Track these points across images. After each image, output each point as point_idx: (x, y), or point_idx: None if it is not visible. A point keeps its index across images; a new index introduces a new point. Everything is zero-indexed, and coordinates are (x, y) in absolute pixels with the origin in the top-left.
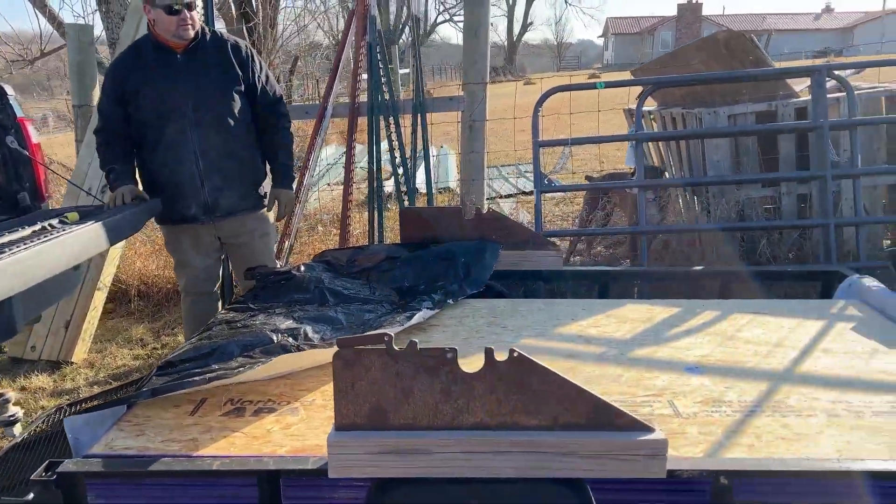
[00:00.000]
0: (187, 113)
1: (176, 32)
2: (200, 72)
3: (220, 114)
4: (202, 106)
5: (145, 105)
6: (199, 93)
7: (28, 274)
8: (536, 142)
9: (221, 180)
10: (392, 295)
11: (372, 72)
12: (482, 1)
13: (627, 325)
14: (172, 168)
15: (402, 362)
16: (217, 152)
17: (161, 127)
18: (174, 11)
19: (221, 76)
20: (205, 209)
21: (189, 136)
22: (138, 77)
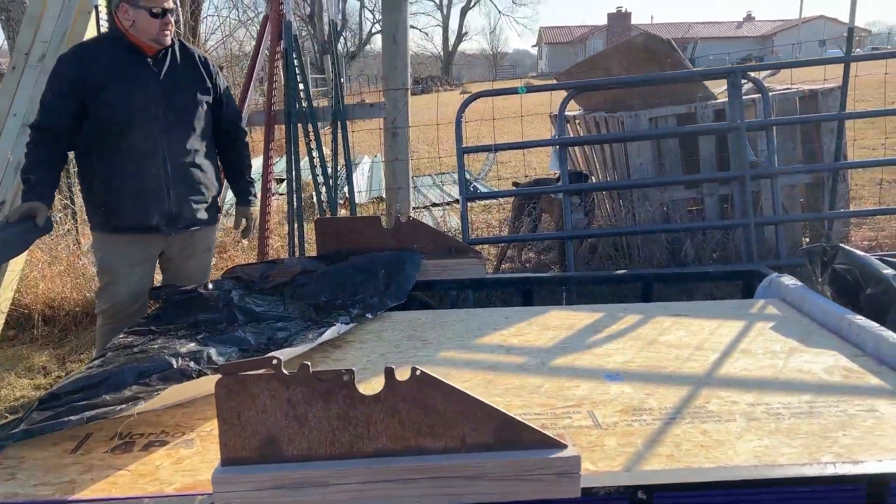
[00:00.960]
0: (158, 116)
1: (156, 37)
2: (172, 77)
3: (190, 122)
4: (173, 111)
5: (111, 102)
6: (171, 98)
7: None
8: (460, 148)
9: (187, 190)
10: (308, 311)
11: (288, 79)
12: (399, 5)
13: (550, 332)
14: (136, 173)
15: (294, 388)
16: (185, 160)
17: (127, 128)
18: (158, 15)
19: (192, 85)
20: (168, 219)
21: (159, 140)
22: (103, 72)
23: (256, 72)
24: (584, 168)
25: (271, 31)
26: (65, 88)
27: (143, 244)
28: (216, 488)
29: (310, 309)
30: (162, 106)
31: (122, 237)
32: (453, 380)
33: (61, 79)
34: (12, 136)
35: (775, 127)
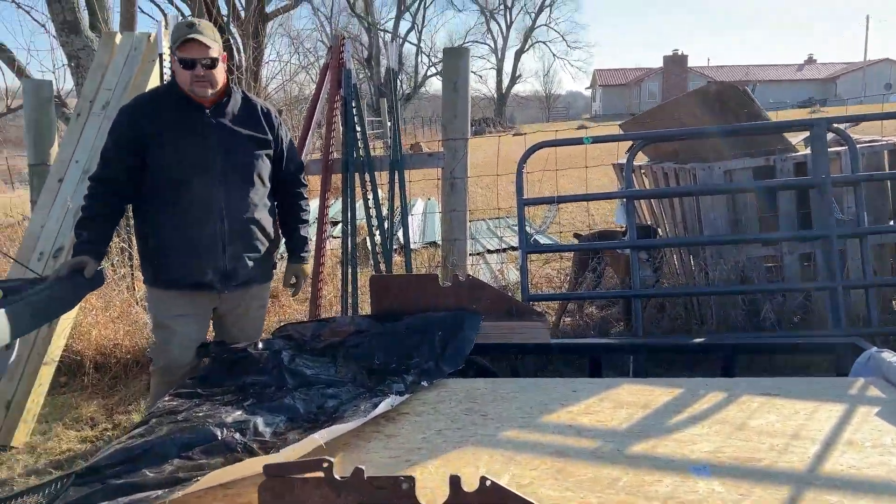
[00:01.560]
0: (215, 170)
1: (190, 87)
2: (231, 130)
3: (248, 176)
4: (231, 165)
5: (167, 155)
6: (229, 151)
7: None
8: (521, 200)
9: (243, 247)
10: (360, 375)
11: (347, 127)
12: (461, 53)
13: (624, 411)
14: (192, 228)
15: (347, 495)
16: (242, 216)
17: (183, 182)
18: (188, 65)
19: (251, 138)
20: (222, 276)
21: (216, 195)
22: (161, 124)
23: (315, 118)
24: (650, 221)
25: (331, 78)
26: (122, 140)
27: (196, 300)
28: None
29: (362, 373)
30: (219, 159)
31: (175, 293)
32: (519, 466)
33: (119, 130)
34: (73, 183)
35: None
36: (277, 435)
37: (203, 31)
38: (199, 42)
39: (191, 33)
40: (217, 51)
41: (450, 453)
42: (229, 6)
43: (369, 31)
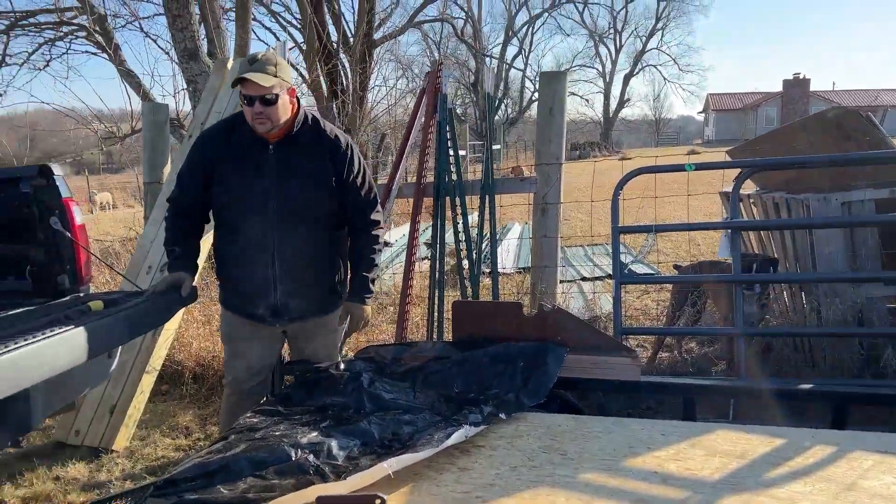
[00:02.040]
0: (270, 210)
1: (251, 123)
2: (291, 167)
3: (305, 215)
4: (287, 205)
5: (227, 187)
6: (287, 191)
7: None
8: (616, 227)
9: (295, 286)
10: (438, 403)
11: (440, 151)
12: (558, 78)
13: (717, 460)
14: (246, 266)
15: None
16: (296, 256)
17: (241, 217)
18: (248, 101)
19: (313, 173)
20: (273, 312)
21: (269, 236)
22: (226, 154)
23: (410, 142)
24: (758, 251)
25: (427, 103)
26: (194, 164)
27: (258, 327)
28: None
29: (440, 400)
30: (275, 202)
31: (239, 317)
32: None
33: (194, 154)
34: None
35: None
36: (350, 459)
37: (263, 69)
38: (254, 81)
39: (248, 71)
40: (279, 86)
41: (523, 492)
42: (339, 32)
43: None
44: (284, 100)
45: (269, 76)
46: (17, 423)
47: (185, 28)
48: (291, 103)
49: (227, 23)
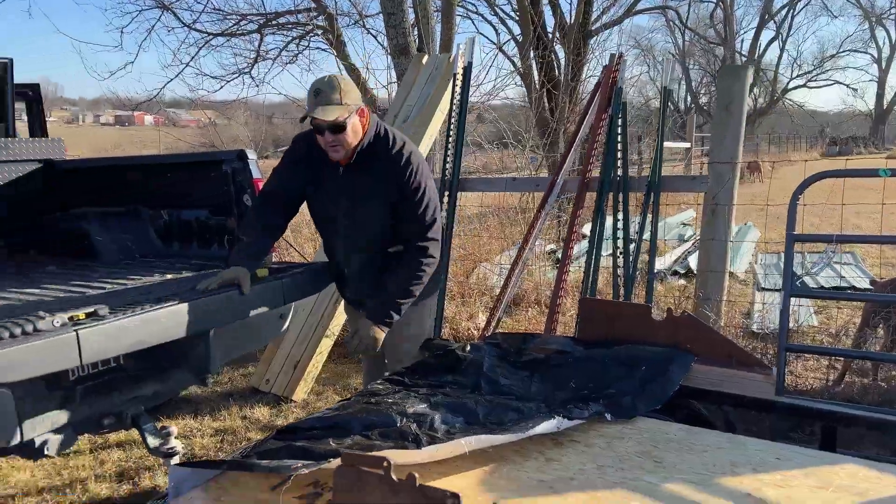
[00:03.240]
0: (339, 225)
1: (325, 149)
2: (357, 186)
3: (369, 232)
4: (353, 223)
5: (310, 195)
6: (352, 210)
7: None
8: (790, 235)
9: (363, 287)
10: (551, 395)
11: (609, 146)
12: (738, 74)
13: (826, 493)
14: (331, 261)
15: (402, 495)
16: (359, 263)
17: (320, 224)
18: (318, 130)
19: (376, 192)
20: (353, 303)
21: (338, 246)
22: (308, 169)
23: (580, 137)
24: None
25: (601, 96)
26: (292, 163)
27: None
28: None
29: (553, 393)
30: (343, 214)
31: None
32: None
33: (293, 153)
34: None
35: None
36: (449, 434)
37: (327, 100)
38: (321, 117)
39: (313, 106)
40: (345, 112)
41: (600, 491)
42: (556, 21)
43: (724, 42)
44: (354, 122)
45: (334, 106)
46: (198, 366)
47: (398, 25)
48: (362, 123)
49: (438, 18)
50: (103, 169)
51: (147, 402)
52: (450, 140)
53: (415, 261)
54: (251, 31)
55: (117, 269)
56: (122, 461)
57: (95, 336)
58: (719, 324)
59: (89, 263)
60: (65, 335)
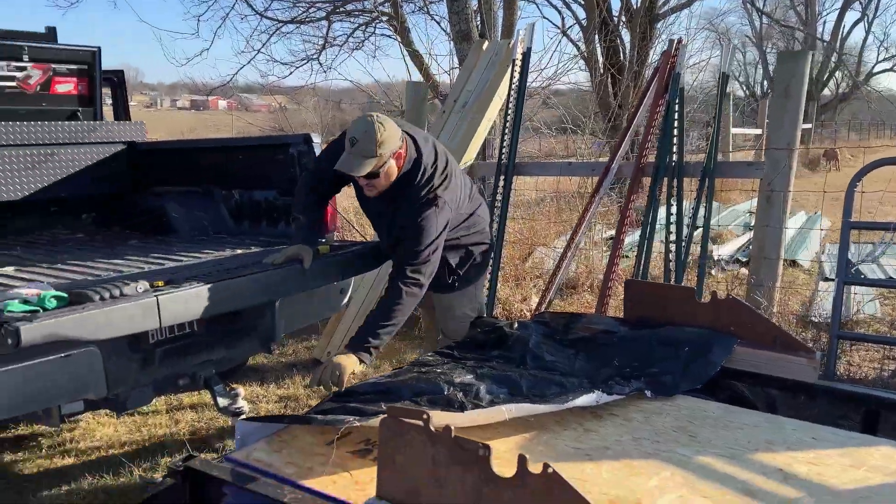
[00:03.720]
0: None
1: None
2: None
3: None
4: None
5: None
6: (379, 216)
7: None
8: (847, 222)
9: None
10: (594, 373)
11: (666, 131)
12: (796, 59)
13: (859, 472)
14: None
15: (438, 446)
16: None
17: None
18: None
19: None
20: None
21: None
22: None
23: (636, 122)
24: None
25: (658, 81)
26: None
27: None
28: None
29: (598, 371)
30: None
31: None
32: (693, 491)
33: (330, 150)
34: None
35: None
36: (493, 403)
37: (361, 153)
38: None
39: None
40: (379, 162)
41: (634, 461)
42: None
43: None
44: (389, 167)
45: (369, 160)
46: (264, 334)
47: (461, 11)
48: (398, 165)
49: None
50: (180, 151)
51: (218, 365)
52: (507, 125)
53: (395, 290)
54: (319, 18)
55: (192, 243)
56: (195, 422)
57: (173, 301)
58: (771, 310)
59: (167, 238)
60: (146, 300)
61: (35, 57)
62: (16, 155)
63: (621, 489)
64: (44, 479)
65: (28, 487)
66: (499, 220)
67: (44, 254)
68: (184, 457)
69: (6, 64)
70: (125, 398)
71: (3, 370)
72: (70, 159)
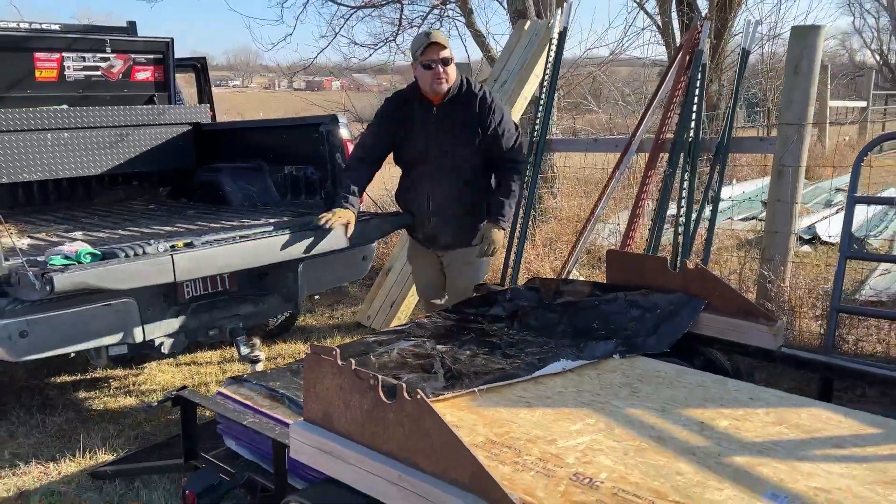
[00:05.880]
0: (429, 161)
1: (431, 85)
2: (448, 125)
3: (455, 163)
4: (442, 156)
5: (401, 147)
6: (442, 145)
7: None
8: (852, 196)
9: (444, 219)
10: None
11: (685, 108)
12: (807, 34)
13: (777, 428)
14: (412, 200)
15: (344, 377)
16: (445, 196)
17: (409, 167)
18: (429, 66)
19: (465, 128)
20: (427, 239)
21: (426, 180)
22: (402, 117)
23: (660, 98)
24: None
25: (681, 59)
26: (383, 118)
27: (423, 251)
28: (291, 435)
29: (577, 333)
30: (434, 151)
31: (413, 243)
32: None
33: (384, 110)
34: None
35: None
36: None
37: (439, 38)
38: (437, 44)
39: (429, 40)
40: (449, 52)
41: (567, 408)
42: None
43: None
44: (452, 64)
45: (446, 46)
46: (288, 294)
47: None
48: (454, 69)
49: None
50: (234, 131)
51: (245, 320)
52: (541, 103)
53: (511, 171)
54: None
55: (238, 213)
56: (241, 371)
57: (187, 259)
58: (779, 284)
59: (219, 208)
60: (163, 257)
61: (117, 48)
62: (99, 135)
63: (543, 430)
64: (105, 415)
65: (91, 421)
66: (528, 191)
67: (112, 222)
68: (179, 388)
69: (92, 55)
70: (160, 344)
71: (56, 314)
72: (145, 138)
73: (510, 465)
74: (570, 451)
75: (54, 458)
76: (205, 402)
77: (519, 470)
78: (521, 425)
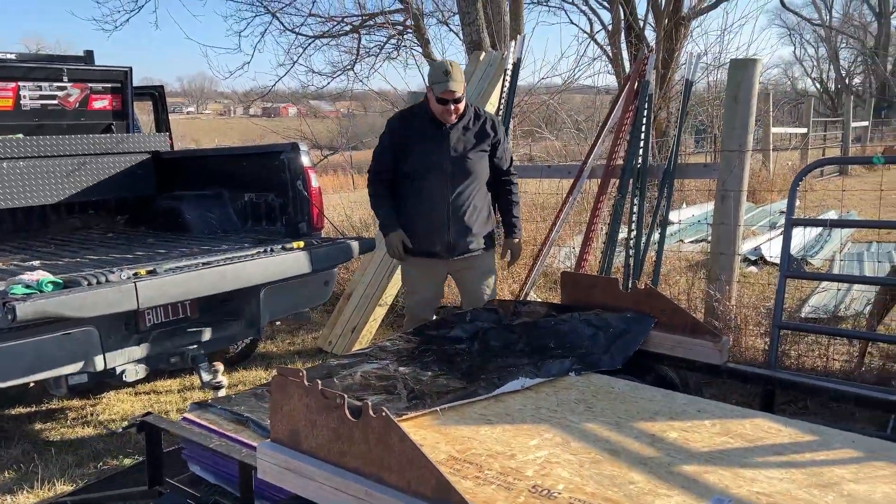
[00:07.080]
0: (446, 170)
1: (440, 117)
2: (461, 138)
3: (471, 173)
4: (458, 165)
5: (413, 160)
6: (458, 154)
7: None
8: (789, 219)
9: (463, 227)
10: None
11: (634, 136)
12: (746, 66)
13: (722, 438)
14: (427, 213)
15: (311, 397)
16: (464, 203)
17: (423, 179)
18: (444, 103)
19: (476, 142)
20: (447, 248)
21: (445, 189)
22: (411, 135)
23: (609, 126)
24: None
25: (629, 89)
26: (387, 143)
27: (431, 267)
28: (258, 456)
29: (535, 352)
30: (449, 162)
31: (417, 259)
32: (565, 450)
33: (387, 136)
34: None
35: None
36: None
37: (456, 77)
38: (453, 90)
39: (448, 83)
40: (462, 89)
41: (525, 424)
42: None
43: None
44: (464, 100)
45: (460, 83)
46: (250, 320)
47: (472, 23)
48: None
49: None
50: (195, 159)
51: (207, 346)
52: None
53: (512, 184)
54: (347, 32)
55: (198, 240)
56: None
57: (150, 287)
58: (725, 302)
59: (179, 236)
60: (126, 285)
61: (74, 77)
62: (56, 164)
63: (503, 445)
64: (63, 446)
65: (48, 452)
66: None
67: (71, 251)
68: (143, 413)
69: (48, 84)
70: (121, 371)
71: (16, 343)
72: (103, 167)
73: (472, 479)
74: (528, 464)
75: (11, 490)
76: (170, 426)
77: (481, 484)
78: (483, 441)
